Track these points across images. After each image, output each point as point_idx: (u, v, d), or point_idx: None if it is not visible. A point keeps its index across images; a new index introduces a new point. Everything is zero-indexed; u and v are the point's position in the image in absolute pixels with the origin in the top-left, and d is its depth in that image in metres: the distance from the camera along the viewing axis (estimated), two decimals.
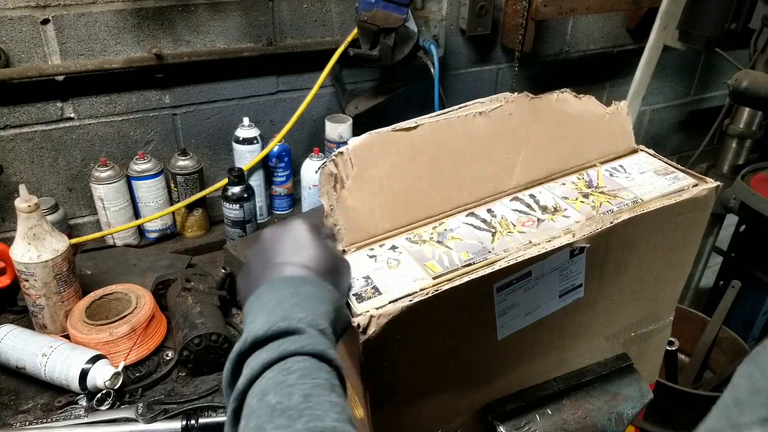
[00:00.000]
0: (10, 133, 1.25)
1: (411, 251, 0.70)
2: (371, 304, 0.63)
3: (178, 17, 1.30)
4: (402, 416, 0.73)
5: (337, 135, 1.47)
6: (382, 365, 0.66)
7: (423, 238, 0.73)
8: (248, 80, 1.43)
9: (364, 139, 0.72)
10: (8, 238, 1.25)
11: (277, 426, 0.42)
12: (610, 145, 0.87)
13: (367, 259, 0.70)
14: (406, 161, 0.73)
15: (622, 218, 0.72)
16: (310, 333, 0.50)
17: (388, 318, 0.61)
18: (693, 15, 1.58)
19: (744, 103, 1.49)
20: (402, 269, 0.68)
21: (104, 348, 1.03)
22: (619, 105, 0.86)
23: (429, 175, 0.75)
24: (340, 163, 0.70)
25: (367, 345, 0.62)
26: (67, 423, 0.92)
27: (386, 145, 0.72)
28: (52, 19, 1.19)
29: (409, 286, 0.65)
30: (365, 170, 0.71)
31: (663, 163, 0.85)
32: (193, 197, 1.38)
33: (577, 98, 0.83)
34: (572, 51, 1.82)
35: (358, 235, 0.72)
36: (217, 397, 1.01)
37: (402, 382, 0.70)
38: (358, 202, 0.71)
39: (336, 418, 0.43)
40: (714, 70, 2.14)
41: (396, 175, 0.73)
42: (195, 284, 1.14)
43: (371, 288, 0.65)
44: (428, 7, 1.55)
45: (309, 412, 0.43)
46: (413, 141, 0.74)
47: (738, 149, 1.74)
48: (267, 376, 0.47)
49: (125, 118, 1.34)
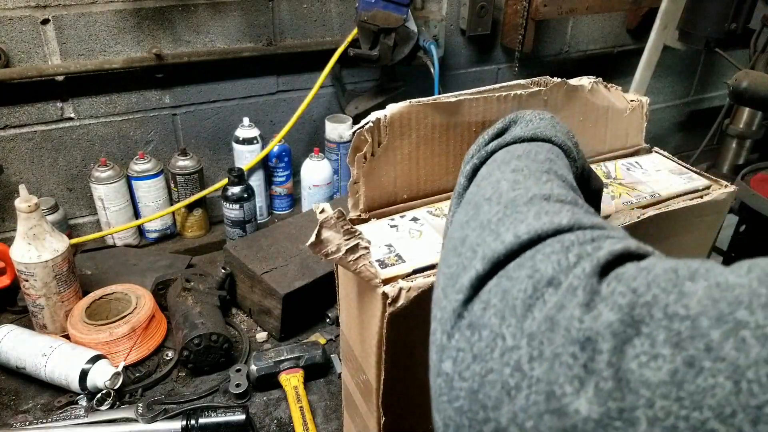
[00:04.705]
0: (10, 133, 1.25)
1: (433, 224, 0.70)
2: (395, 271, 0.62)
3: (178, 17, 1.30)
4: (413, 397, 0.71)
5: (337, 135, 1.47)
6: (403, 340, 0.64)
7: (444, 212, 0.71)
8: (248, 80, 1.43)
9: (402, 108, 0.69)
10: (8, 238, 1.25)
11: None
12: (627, 141, 0.87)
13: (388, 229, 0.69)
14: (438, 135, 0.72)
15: (648, 214, 0.72)
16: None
17: (418, 291, 0.59)
18: (693, 15, 1.58)
19: (744, 103, 1.49)
20: (425, 240, 0.67)
21: (104, 348, 1.03)
22: (641, 100, 0.85)
23: (456, 151, 0.74)
24: (375, 131, 0.68)
25: (394, 317, 0.60)
26: (67, 423, 0.92)
27: (423, 116, 0.71)
28: (52, 19, 1.19)
29: (433, 257, 0.63)
30: (397, 140, 0.70)
31: (676, 164, 0.86)
32: (193, 197, 1.38)
33: (607, 89, 0.83)
34: (572, 51, 1.82)
35: (380, 204, 0.71)
36: (217, 397, 1.02)
37: (417, 362, 0.67)
38: (383, 171, 0.70)
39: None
40: (714, 70, 2.14)
41: (426, 147, 0.72)
42: (195, 284, 1.14)
43: (394, 256, 0.64)
44: (428, 7, 1.55)
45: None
46: (449, 115, 0.72)
47: (738, 149, 1.74)
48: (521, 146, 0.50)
49: (125, 118, 1.34)
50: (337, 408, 1.00)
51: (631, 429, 0.25)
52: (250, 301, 1.18)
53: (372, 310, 0.62)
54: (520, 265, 0.35)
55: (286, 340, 1.14)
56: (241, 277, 1.18)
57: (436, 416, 0.37)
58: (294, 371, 1.03)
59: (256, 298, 1.15)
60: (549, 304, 0.32)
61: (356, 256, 0.58)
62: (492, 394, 0.32)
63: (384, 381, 0.67)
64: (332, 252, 0.57)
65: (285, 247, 1.19)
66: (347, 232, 0.57)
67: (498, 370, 0.32)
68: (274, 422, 0.98)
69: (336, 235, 0.57)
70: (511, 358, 0.32)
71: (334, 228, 0.57)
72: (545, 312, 0.32)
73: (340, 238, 0.57)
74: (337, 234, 0.57)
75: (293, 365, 1.03)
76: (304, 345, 1.07)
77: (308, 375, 1.05)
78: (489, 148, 0.52)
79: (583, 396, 0.27)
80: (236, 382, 1.01)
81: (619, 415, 0.26)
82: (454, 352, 0.35)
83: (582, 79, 0.80)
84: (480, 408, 0.33)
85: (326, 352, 1.08)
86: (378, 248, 0.64)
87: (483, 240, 0.39)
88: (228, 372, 1.05)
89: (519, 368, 0.31)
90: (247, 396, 1.01)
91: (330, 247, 0.57)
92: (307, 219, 1.30)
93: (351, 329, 0.73)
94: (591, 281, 0.31)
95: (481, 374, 0.33)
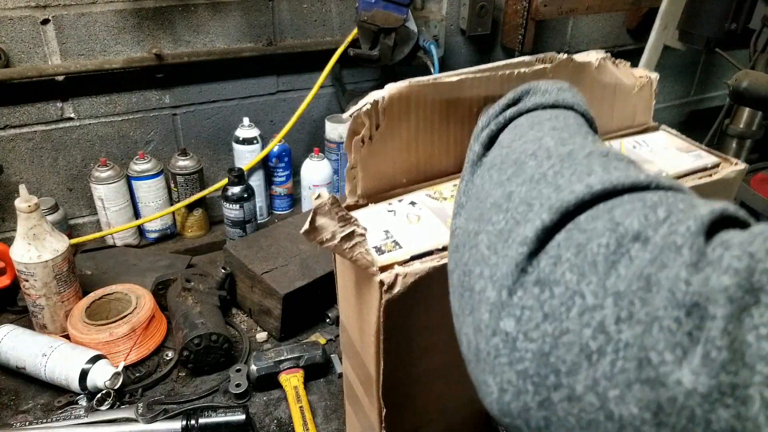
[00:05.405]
0: (10, 133, 1.25)
1: (432, 207, 0.68)
2: (392, 257, 0.60)
3: (178, 17, 1.30)
4: (414, 388, 0.70)
5: (337, 135, 1.47)
6: (401, 329, 0.63)
7: (444, 195, 0.70)
8: (248, 80, 1.43)
9: (401, 88, 0.65)
10: (8, 238, 1.25)
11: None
12: (635, 119, 0.84)
13: (385, 213, 0.67)
14: (438, 115, 0.69)
15: None
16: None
17: (415, 277, 0.57)
18: (693, 15, 1.58)
19: (744, 103, 1.49)
20: (423, 225, 0.65)
21: (104, 348, 1.03)
22: (651, 77, 0.83)
23: (457, 132, 0.71)
24: (372, 114, 0.65)
25: (391, 304, 0.58)
26: (67, 423, 0.92)
27: (423, 96, 0.67)
28: (52, 19, 1.19)
29: (431, 242, 0.61)
30: (395, 122, 0.67)
31: (684, 141, 0.83)
32: (193, 197, 1.38)
33: (615, 65, 0.80)
34: (572, 51, 1.81)
35: (377, 189, 0.69)
36: (217, 397, 1.02)
37: (417, 352, 0.67)
38: (381, 156, 0.68)
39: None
40: (714, 70, 2.14)
41: (425, 129, 0.69)
42: (195, 284, 1.14)
43: (391, 242, 0.62)
44: (428, 7, 1.55)
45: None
46: (450, 95, 0.69)
47: (738, 149, 1.74)
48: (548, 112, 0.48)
49: (125, 118, 1.34)
50: (338, 408, 1.00)
51: (743, 408, 0.23)
52: (250, 301, 1.18)
53: (369, 299, 0.61)
54: (594, 217, 0.32)
55: (286, 340, 1.14)
56: (241, 277, 1.18)
57: (489, 380, 0.34)
58: (294, 371, 1.03)
59: (256, 298, 1.15)
60: (639, 260, 0.29)
61: (352, 244, 0.56)
62: (567, 358, 0.29)
63: (383, 372, 0.65)
64: (327, 239, 0.55)
65: (285, 247, 1.19)
66: (342, 219, 0.55)
67: (576, 331, 0.29)
68: (274, 422, 0.98)
69: (331, 222, 0.55)
70: (592, 319, 0.29)
71: (329, 215, 0.55)
72: (635, 269, 0.28)
73: (335, 225, 0.55)
74: (332, 221, 0.55)
75: (293, 365, 1.03)
76: (304, 345, 1.07)
77: (308, 375, 1.05)
78: (507, 115, 0.50)
79: (687, 366, 0.24)
80: (236, 382, 1.01)
81: (732, 391, 0.23)
82: (518, 310, 0.32)
83: (589, 54, 0.76)
84: (551, 372, 0.30)
85: (326, 352, 1.08)
86: (375, 234, 0.62)
87: (540, 193, 0.36)
88: (228, 372, 1.05)
89: (603, 330, 0.28)
90: (247, 396, 1.01)
91: (325, 234, 0.55)
92: (307, 219, 1.30)
93: (351, 320, 0.72)
94: (698, 240, 0.27)
95: (554, 335, 0.30)
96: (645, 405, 0.26)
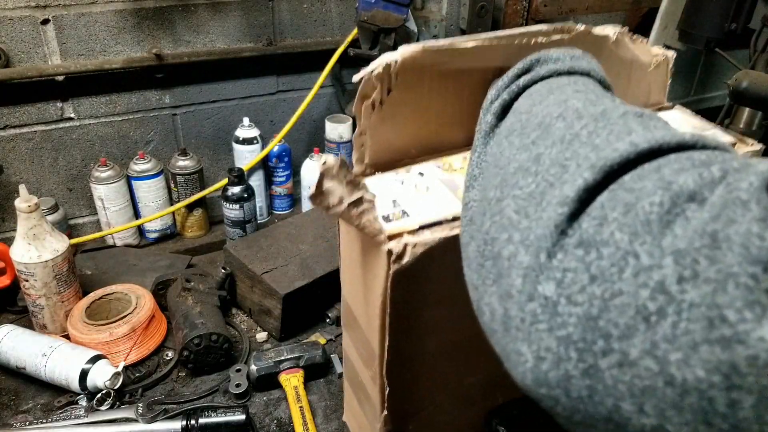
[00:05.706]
0: (10, 133, 1.25)
1: (441, 178, 0.66)
2: (401, 225, 0.58)
3: (178, 17, 1.30)
4: (420, 366, 0.68)
5: (337, 135, 1.47)
6: (409, 301, 0.61)
7: (453, 167, 0.67)
8: (248, 80, 1.43)
9: (415, 52, 0.62)
10: (8, 238, 1.25)
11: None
12: (649, 98, 0.82)
13: (393, 183, 0.65)
14: (451, 83, 0.66)
15: None
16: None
17: (425, 247, 0.55)
18: (693, 15, 1.58)
19: (744, 103, 1.49)
20: (432, 195, 0.63)
21: (104, 348, 1.03)
22: (667, 55, 0.81)
23: (471, 101, 0.67)
24: (384, 78, 0.62)
25: (399, 275, 0.56)
26: (67, 423, 0.92)
27: (436, 62, 0.64)
28: (52, 19, 1.19)
29: (440, 212, 0.59)
30: (407, 88, 0.64)
31: (700, 121, 0.81)
32: (193, 197, 1.38)
33: (632, 41, 0.77)
34: None
35: (385, 158, 0.67)
36: (217, 397, 1.02)
37: (424, 328, 0.65)
38: (390, 123, 0.65)
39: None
40: (714, 70, 2.14)
41: (438, 96, 0.66)
42: (195, 284, 1.14)
43: (399, 211, 0.60)
44: (428, 7, 1.55)
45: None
46: (464, 63, 0.66)
47: None
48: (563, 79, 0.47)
49: (125, 118, 1.34)
50: (338, 408, 1.00)
51: None
52: (250, 301, 1.18)
53: (376, 268, 0.58)
54: (641, 176, 0.31)
55: (286, 340, 1.14)
56: (241, 277, 1.18)
57: (523, 348, 0.32)
58: (294, 371, 1.03)
59: (256, 298, 1.15)
60: (696, 220, 0.27)
61: (360, 210, 0.53)
62: (620, 321, 0.27)
63: (388, 347, 0.63)
64: (334, 205, 0.52)
65: (285, 247, 1.19)
66: (350, 183, 0.52)
67: (630, 293, 0.27)
68: (274, 422, 0.98)
69: (338, 186, 0.52)
70: (650, 279, 0.27)
71: (337, 178, 0.51)
72: (695, 226, 0.27)
73: (343, 189, 0.52)
74: (340, 185, 0.52)
75: (293, 365, 1.03)
76: (304, 345, 1.07)
77: (308, 375, 1.05)
78: (521, 83, 0.48)
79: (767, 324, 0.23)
80: (236, 382, 1.01)
81: None
82: (559, 273, 0.31)
83: (606, 28, 0.73)
84: (599, 337, 0.28)
85: (326, 352, 1.08)
86: (382, 203, 0.59)
87: (575, 153, 0.35)
88: (228, 372, 1.05)
89: (663, 290, 0.26)
90: (247, 396, 1.01)
91: (332, 198, 0.52)
92: (307, 219, 1.30)
93: (353, 294, 0.69)
94: (763, 196, 0.26)
95: (604, 297, 0.28)
96: (714, 366, 0.24)
